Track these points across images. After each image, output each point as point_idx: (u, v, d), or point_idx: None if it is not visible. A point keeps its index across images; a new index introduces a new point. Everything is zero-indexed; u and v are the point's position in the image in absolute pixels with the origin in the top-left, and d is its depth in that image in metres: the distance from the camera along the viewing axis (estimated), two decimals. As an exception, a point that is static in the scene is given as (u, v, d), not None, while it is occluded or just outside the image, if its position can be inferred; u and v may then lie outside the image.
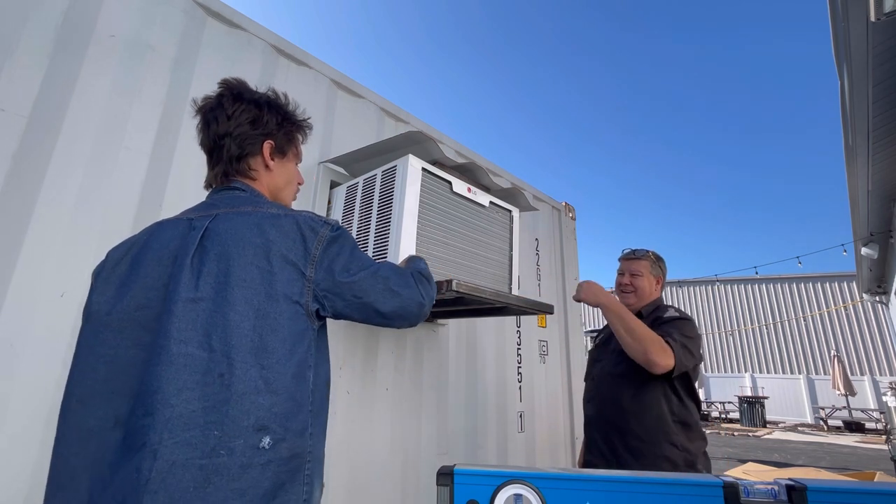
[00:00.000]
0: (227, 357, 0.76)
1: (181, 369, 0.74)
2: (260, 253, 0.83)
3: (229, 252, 0.82)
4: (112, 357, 0.79)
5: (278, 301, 0.82)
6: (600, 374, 1.83)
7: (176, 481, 0.68)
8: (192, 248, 0.82)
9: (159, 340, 0.75)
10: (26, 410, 1.10)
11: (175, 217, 0.93)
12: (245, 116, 0.97)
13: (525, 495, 0.57)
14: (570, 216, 3.49)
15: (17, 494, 1.05)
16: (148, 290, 0.82)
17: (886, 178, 4.97)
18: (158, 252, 0.85)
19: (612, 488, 0.56)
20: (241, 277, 0.80)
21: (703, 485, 0.53)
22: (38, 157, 1.21)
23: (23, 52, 1.23)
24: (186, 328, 0.76)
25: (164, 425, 0.70)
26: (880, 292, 9.38)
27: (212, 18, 1.65)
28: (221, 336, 0.76)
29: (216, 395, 0.74)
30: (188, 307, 0.77)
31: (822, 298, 17.54)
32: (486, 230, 1.75)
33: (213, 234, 0.84)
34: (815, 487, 0.50)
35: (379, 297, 0.93)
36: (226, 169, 0.98)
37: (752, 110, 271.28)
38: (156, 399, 0.71)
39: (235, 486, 0.71)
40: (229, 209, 0.89)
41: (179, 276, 0.79)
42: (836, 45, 3.43)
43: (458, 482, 0.61)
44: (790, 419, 14.47)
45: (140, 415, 0.72)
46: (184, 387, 0.73)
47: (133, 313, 0.81)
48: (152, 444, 0.69)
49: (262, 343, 0.79)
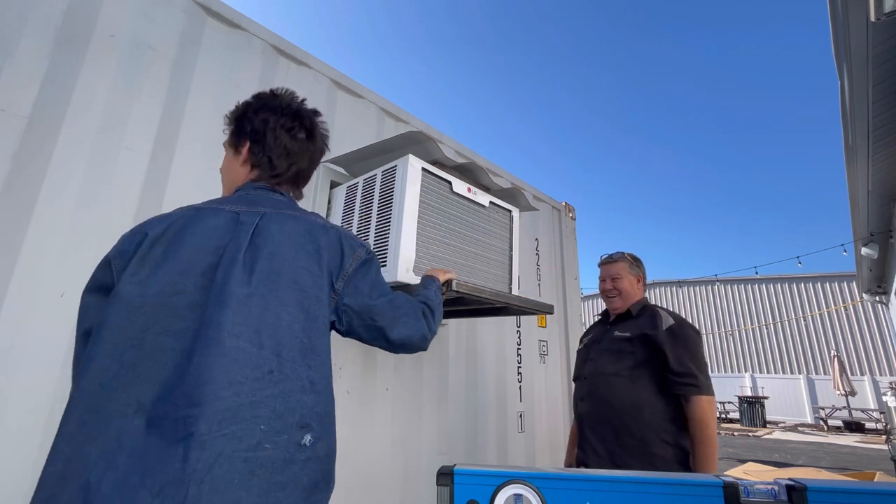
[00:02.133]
0: (277, 355, 0.78)
1: (232, 363, 0.75)
2: (313, 259, 0.89)
3: (283, 253, 0.85)
4: (139, 341, 0.76)
5: (324, 306, 0.88)
6: (592, 373, 1.84)
7: (222, 472, 0.69)
8: (244, 244, 0.84)
9: (209, 332, 0.75)
10: (26, 410, 1.10)
11: (213, 206, 0.91)
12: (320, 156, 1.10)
13: (525, 495, 0.57)
14: (571, 216, 3.49)
15: (17, 494, 1.05)
16: (185, 277, 0.80)
17: (886, 178, 4.97)
18: (200, 239, 0.84)
19: (612, 488, 0.56)
20: (294, 279, 0.85)
21: (703, 485, 0.53)
22: (38, 157, 1.21)
23: (23, 52, 1.23)
24: (239, 322, 0.77)
25: (213, 417, 0.71)
26: (880, 292, 9.38)
27: (212, 18, 1.65)
28: (272, 334, 0.79)
29: (264, 390, 0.76)
30: (241, 302, 0.79)
31: (822, 298, 17.54)
32: (486, 230, 1.75)
33: (265, 233, 0.86)
34: (815, 487, 0.50)
35: (390, 324, 0.99)
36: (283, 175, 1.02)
37: (751, 110, 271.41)
38: (206, 390, 0.72)
39: (278, 479, 0.73)
40: (274, 210, 0.92)
41: (231, 270, 0.80)
42: (836, 45, 3.43)
43: (458, 482, 0.61)
44: (790, 419, 14.47)
45: (182, 404, 0.71)
46: (234, 380, 0.74)
47: (167, 298, 0.79)
48: (200, 434, 0.69)
49: (311, 344, 0.83)
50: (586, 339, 2.03)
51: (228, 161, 1.05)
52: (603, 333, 1.93)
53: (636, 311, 1.86)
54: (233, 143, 1.04)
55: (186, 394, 0.71)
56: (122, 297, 0.79)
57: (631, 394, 1.68)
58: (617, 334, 1.83)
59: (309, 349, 0.82)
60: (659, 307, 1.86)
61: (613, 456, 1.66)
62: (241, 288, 0.79)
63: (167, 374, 0.73)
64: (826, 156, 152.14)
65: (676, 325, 1.74)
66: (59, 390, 1.15)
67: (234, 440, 0.71)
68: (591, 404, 1.79)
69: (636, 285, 1.95)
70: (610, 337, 1.85)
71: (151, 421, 0.71)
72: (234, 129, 1.04)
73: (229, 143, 1.05)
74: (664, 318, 1.77)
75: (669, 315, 1.80)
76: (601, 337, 1.92)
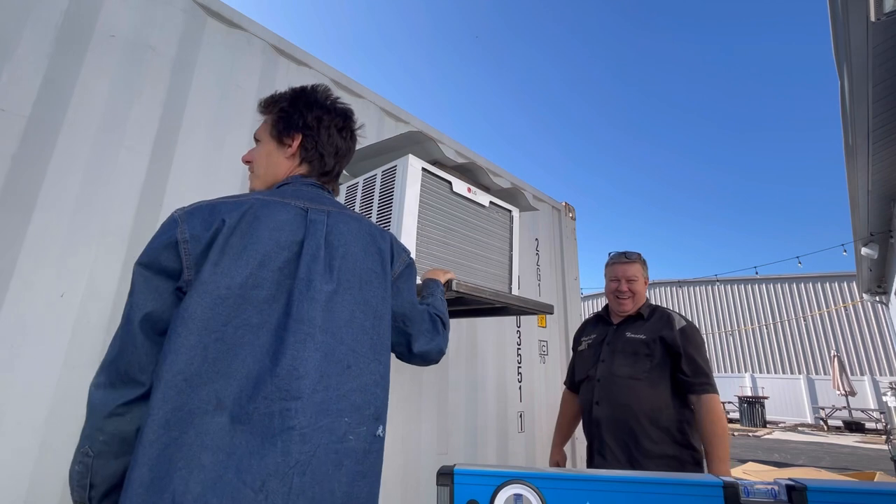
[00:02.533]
0: (354, 351, 0.82)
1: (324, 357, 0.78)
2: (377, 261, 0.93)
3: (354, 254, 0.89)
4: (221, 334, 0.74)
5: (387, 305, 0.93)
6: (607, 376, 1.78)
7: (319, 464, 0.72)
8: (321, 241, 0.86)
9: (302, 327, 0.77)
10: (26, 410, 1.10)
11: (276, 198, 0.88)
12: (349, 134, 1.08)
13: (525, 495, 0.57)
14: (570, 216, 3.49)
15: (16, 494, 1.05)
16: (263, 270, 0.79)
17: (886, 178, 4.97)
18: (275, 233, 0.82)
19: (612, 488, 0.56)
20: (366, 280, 0.89)
21: (703, 485, 0.53)
22: (38, 157, 1.21)
23: (23, 52, 1.23)
24: (328, 318, 0.80)
25: (311, 410, 0.73)
26: (880, 292, 9.38)
27: (212, 18, 1.65)
28: (349, 331, 0.83)
29: (346, 384, 0.79)
30: (328, 298, 0.82)
31: (822, 298, 17.53)
32: (486, 230, 1.75)
33: (336, 232, 0.89)
34: (815, 487, 0.50)
35: (417, 335, 1.03)
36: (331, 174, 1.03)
37: (751, 110, 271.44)
38: (303, 384, 0.73)
39: (359, 468, 0.77)
40: (335, 209, 0.94)
41: (314, 267, 0.82)
42: (836, 45, 3.43)
43: (458, 482, 0.61)
44: (790, 419, 14.47)
45: (277, 398, 0.71)
46: (325, 374, 0.77)
47: (248, 291, 0.77)
48: (301, 427, 0.71)
49: (380, 340, 0.88)
50: (588, 340, 1.97)
51: (270, 152, 0.99)
52: (611, 333, 1.87)
53: (647, 313, 1.84)
54: (277, 135, 0.98)
55: (281, 388, 0.72)
56: (208, 288, 0.75)
57: (651, 397, 1.67)
58: (630, 336, 1.78)
59: (378, 345, 0.87)
60: (665, 308, 1.86)
61: (632, 461, 1.63)
62: (326, 285, 0.82)
63: (248, 369, 0.73)
64: (826, 156, 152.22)
65: (688, 326, 1.75)
66: (59, 390, 1.15)
67: (328, 432, 0.74)
68: (610, 408, 1.72)
69: (645, 286, 1.91)
70: (623, 338, 1.80)
71: (237, 417, 0.70)
72: (281, 121, 0.98)
73: (271, 135, 0.99)
74: (676, 319, 1.77)
75: (680, 316, 1.80)
76: (610, 337, 1.86)
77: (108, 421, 0.72)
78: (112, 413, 0.72)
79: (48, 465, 1.10)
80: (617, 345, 1.81)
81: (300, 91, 1.02)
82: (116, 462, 0.72)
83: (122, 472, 0.71)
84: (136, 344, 0.74)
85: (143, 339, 0.74)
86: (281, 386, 0.72)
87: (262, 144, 1.01)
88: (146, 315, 0.75)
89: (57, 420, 1.13)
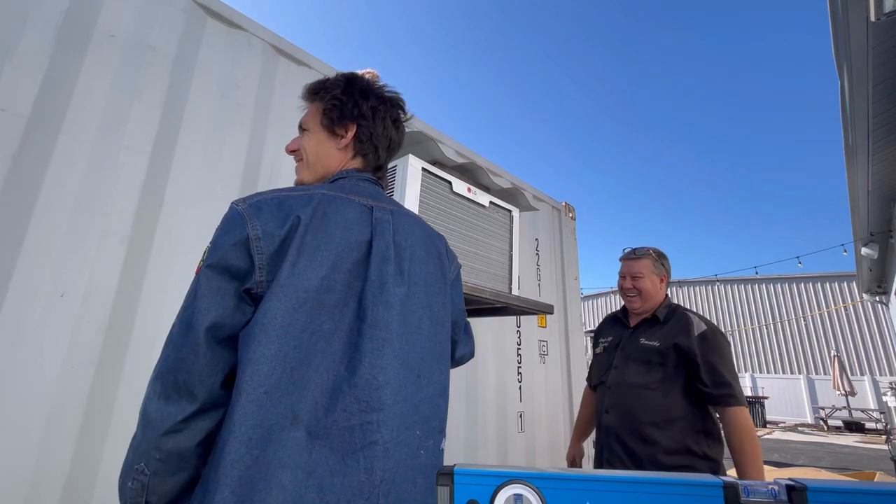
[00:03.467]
0: (422, 359, 0.77)
1: (401, 365, 0.72)
2: (438, 264, 0.87)
3: (419, 256, 0.84)
4: (299, 342, 0.68)
5: (448, 312, 0.86)
6: (618, 383, 1.72)
7: (400, 481, 0.67)
8: (390, 242, 0.80)
9: (378, 332, 0.71)
10: (26, 410, 1.10)
11: (340, 194, 0.81)
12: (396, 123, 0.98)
13: (525, 495, 0.57)
14: (570, 216, 3.49)
15: (16, 494, 1.05)
16: (335, 272, 0.73)
17: (886, 178, 4.97)
18: (344, 232, 0.76)
19: (612, 488, 0.56)
20: (430, 284, 0.83)
21: (702, 485, 0.53)
22: (38, 157, 1.21)
23: (23, 52, 1.23)
24: (402, 323, 0.75)
25: (393, 422, 0.68)
26: (880, 292, 9.38)
27: (212, 18, 1.65)
28: (418, 338, 0.77)
29: (415, 395, 0.74)
30: (403, 303, 0.76)
31: (822, 298, 17.54)
32: (486, 230, 1.75)
33: (401, 233, 0.83)
34: (815, 487, 0.49)
35: (460, 341, 0.99)
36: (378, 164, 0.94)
37: (752, 109, 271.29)
38: (384, 394, 0.68)
39: (429, 483, 0.72)
40: (395, 207, 0.88)
41: (386, 269, 0.76)
42: (836, 45, 3.43)
43: (458, 482, 0.61)
44: (790, 419, 14.47)
45: (356, 410, 0.66)
46: (402, 384, 0.71)
47: (322, 295, 0.71)
48: (384, 441, 0.66)
49: (442, 349, 0.82)
50: (605, 342, 1.90)
51: (320, 141, 0.90)
52: (626, 338, 1.80)
53: (663, 316, 1.73)
54: (329, 125, 0.89)
55: (361, 399, 0.67)
56: (287, 291, 0.69)
57: (663, 407, 1.59)
58: (644, 342, 1.71)
59: (441, 354, 0.81)
60: (687, 310, 1.75)
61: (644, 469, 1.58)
62: (399, 289, 0.77)
63: (322, 379, 0.67)
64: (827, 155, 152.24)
65: (708, 330, 1.63)
66: (59, 390, 1.15)
67: (405, 447, 0.69)
68: (619, 416, 1.67)
69: (658, 285, 1.80)
70: (636, 345, 1.73)
71: (314, 432, 0.65)
72: (334, 109, 0.89)
73: (322, 124, 0.90)
74: (695, 324, 1.66)
75: (700, 319, 1.68)
76: (624, 342, 1.79)
77: (165, 438, 0.65)
78: (170, 430, 0.65)
79: (48, 465, 1.10)
80: (630, 351, 1.74)
81: (352, 77, 0.93)
82: (173, 479, 0.67)
83: (178, 488, 0.67)
84: (199, 353, 0.67)
85: (206, 349, 0.67)
86: (360, 397, 0.67)
87: (310, 134, 0.92)
88: (213, 322, 0.68)
89: (57, 420, 1.13)
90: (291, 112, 1.82)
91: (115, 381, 1.24)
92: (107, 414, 1.21)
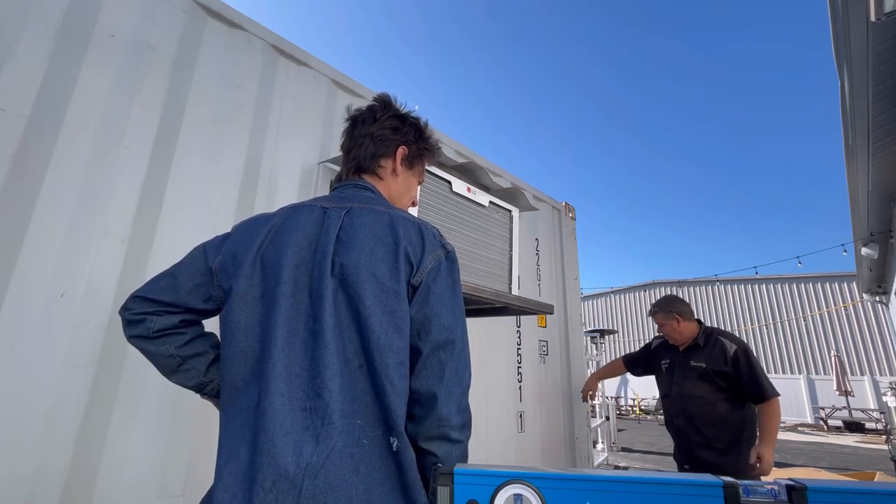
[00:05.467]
0: (364, 350, 0.78)
1: (332, 356, 0.76)
2: (390, 251, 0.84)
3: (362, 246, 0.84)
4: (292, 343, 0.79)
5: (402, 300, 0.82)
6: (680, 396, 2.31)
7: (335, 468, 0.69)
8: (333, 238, 0.85)
9: (314, 325, 0.78)
10: (26, 410, 1.10)
11: (308, 203, 0.94)
12: (389, 123, 1.04)
13: (525, 495, 0.57)
14: (570, 216, 3.49)
15: (16, 494, 1.05)
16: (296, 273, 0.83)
17: (886, 178, 4.97)
18: (296, 235, 0.86)
19: (612, 488, 0.56)
20: (372, 273, 0.82)
21: (702, 485, 0.53)
22: (38, 157, 1.21)
23: (23, 52, 1.23)
24: (333, 315, 0.79)
25: (328, 409, 0.73)
26: (880, 292, 9.37)
27: (212, 18, 1.65)
28: (356, 328, 0.79)
29: (356, 385, 0.77)
30: (332, 296, 0.80)
31: (822, 298, 17.54)
32: (486, 230, 1.75)
33: (349, 227, 0.87)
34: (815, 487, 0.50)
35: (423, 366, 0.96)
36: (360, 164, 1.02)
37: (752, 109, 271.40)
38: (316, 383, 0.74)
39: (376, 475, 0.73)
40: (362, 205, 0.91)
41: (324, 264, 0.82)
42: (836, 45, 3.43)
43: (458, 482, 0.61)
44: (790, 419, 14.47)
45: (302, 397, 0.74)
46: (336, 373, 0.75)
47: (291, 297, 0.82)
48: (315, 427, 0.71)
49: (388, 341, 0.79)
50: (665, 363, 2.47)
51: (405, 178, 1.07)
52: (679, 360, 2.39)
53: (702, 342, 2.32)
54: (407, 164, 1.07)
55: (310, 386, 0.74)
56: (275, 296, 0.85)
57: (716, 412, 2.19)
58: (693, 364, 2.30)
59: (387, 346, 0.78)
60: (717, 332, 2.32)
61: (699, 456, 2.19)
62: (332, 282, 0.81)
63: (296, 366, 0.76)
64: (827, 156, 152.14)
65: (739, 349, 2.20)
66: (59, 390, 1.15)
67: (344, 434, 0.72)
68: (686, 421, 2.28)
69: (679, 325, 2.35)
70: (688, 366, 2.32)
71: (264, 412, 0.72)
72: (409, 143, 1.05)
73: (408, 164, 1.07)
74: (728, 347, 2.22)
75: (729, 340, 2.26)
76: (679, 364, 2.38)
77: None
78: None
79: (48, 465, 1.10)
80: (685, 371, 2.33)
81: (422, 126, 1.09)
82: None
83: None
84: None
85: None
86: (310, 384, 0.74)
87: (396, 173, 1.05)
88: None
89: (57, 420, 1.13)
90: (291, 112, 1.82)
91: (115, 381, 1.24)
92: (107, 414, 1.21)
